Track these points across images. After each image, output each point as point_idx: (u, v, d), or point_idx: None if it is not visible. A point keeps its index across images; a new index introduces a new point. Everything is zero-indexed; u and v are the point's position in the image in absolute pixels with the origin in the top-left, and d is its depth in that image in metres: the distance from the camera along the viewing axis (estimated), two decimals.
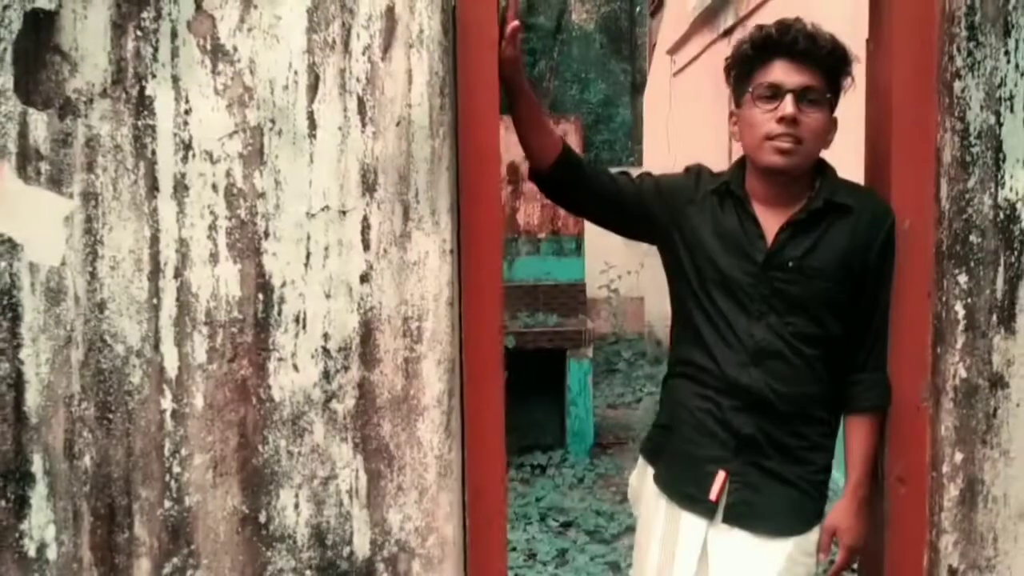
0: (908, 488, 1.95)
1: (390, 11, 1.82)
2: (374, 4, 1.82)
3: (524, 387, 6.93)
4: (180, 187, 1.83)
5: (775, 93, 1.85)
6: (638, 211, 2.03)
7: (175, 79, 1.82)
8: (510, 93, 1.97)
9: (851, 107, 2.00)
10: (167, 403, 1.86)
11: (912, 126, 1.91)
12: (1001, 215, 1.86)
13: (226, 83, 1.83)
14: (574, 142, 6.71)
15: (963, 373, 1.88)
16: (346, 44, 1.83)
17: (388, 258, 1.85)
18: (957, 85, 1.85)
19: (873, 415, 1.93)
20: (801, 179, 1.92)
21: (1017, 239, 1.87)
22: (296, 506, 1.88)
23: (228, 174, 1.83)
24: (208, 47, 1.82)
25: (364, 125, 1.83)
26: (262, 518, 1.88)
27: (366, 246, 1.85)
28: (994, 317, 1.88)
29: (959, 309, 1.87)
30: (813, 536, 1.92)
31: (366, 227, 1.85)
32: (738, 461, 1.90)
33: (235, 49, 1.82)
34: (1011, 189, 1.86)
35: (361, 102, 1.83)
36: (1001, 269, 1.87)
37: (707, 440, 1.92)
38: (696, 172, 2.05)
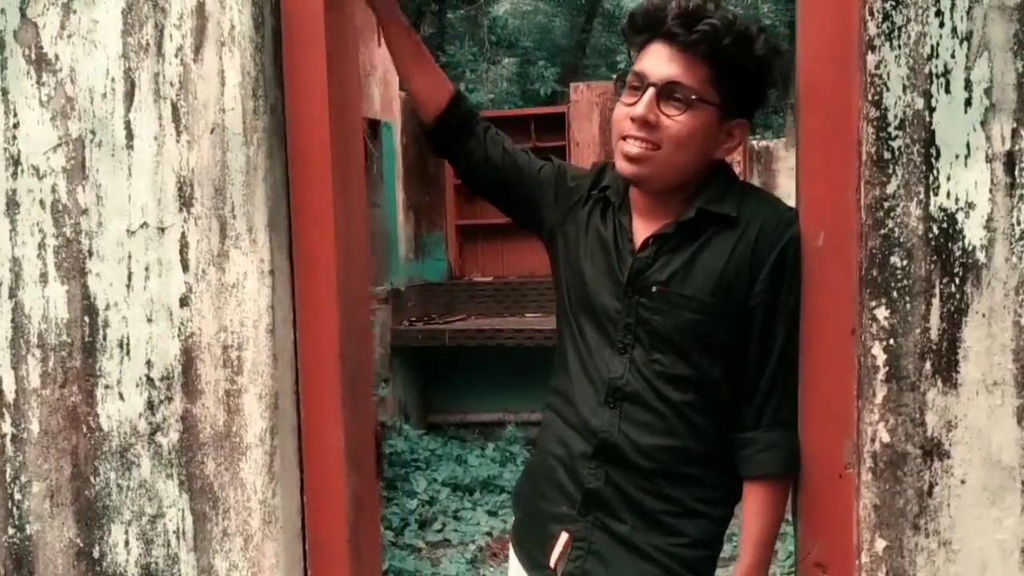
0: None
1: (200, 7, 1.64)
2: (185, 1, 1.65)
3: None
4: (12, 204, 1.76)
5: (641, 84, 1.49)
6: (532, 196, 1.71)
7: (4, 92, 1.75)
8: (377, 18, 1.71)
9: None
10: (7, 427, 1.79)
11: (826, 113, 1.47)
12: (935, 229, 1.39)
13: (50, 94, 1.73)
14: None
15: (885, 437, 1.43)
16: (159, 46, 1.67)
17: (207, 280, 1.68)
18: (871, 59, 1.40)
19: (771, 484, 1.52)
20: (681, 188, 1.53)
21: (958, 261, 1.38)
22: (127, 543, 1.75)
23: (53, 189, 1.74)
24: (33, 57, 1.73)
25: (179, 134, 1.67)
26: (96, 553, 1.77)
27: (185, 266, 1.69)
28: (927, 364, 1.41)
29: (878, 353, 1.42)
30: None
31: (184, 245, 1.69)
32: (585, 522, 1.55)
33: (57, 58, 1.72)
34: (948, 195, 1.38)
35: (175, 109, 1.67)
36: (936, 301, 1.40)
37: (555, 493, 1.59)
38: (599, 169, 1.70)
